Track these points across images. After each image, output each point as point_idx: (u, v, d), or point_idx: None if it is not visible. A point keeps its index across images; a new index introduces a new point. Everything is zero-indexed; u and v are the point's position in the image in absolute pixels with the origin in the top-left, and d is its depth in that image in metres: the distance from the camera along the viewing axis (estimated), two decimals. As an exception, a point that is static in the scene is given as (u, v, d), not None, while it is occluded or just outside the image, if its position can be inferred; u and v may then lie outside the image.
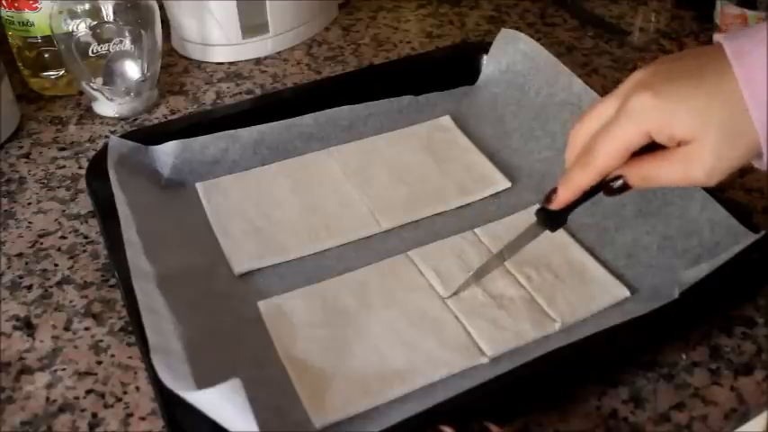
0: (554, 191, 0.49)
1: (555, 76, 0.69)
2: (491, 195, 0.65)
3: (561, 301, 0.54)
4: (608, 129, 0.45)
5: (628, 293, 0.55)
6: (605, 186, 0.47)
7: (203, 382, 0.43)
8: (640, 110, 0.43)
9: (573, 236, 0.60)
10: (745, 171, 0.67)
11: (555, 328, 0.53)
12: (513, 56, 0.73)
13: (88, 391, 0.50)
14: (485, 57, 0.75)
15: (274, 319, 0.53)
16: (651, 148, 0.45)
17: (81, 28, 0.72)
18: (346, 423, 0.47)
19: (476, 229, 0.61)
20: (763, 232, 0.53)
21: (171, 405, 0.45)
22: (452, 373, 0.50)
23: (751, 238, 0.53)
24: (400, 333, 0.52)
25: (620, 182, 0.46)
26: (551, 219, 0.51)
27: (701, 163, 0.42)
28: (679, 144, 0.43)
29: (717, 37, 0.43)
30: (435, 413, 0.44)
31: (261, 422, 0.43)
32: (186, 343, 0.48)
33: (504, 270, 0.57)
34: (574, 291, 0.55)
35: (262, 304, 0.55)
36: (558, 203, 0.49)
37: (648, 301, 0.53)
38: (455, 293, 0.55)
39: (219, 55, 0.85)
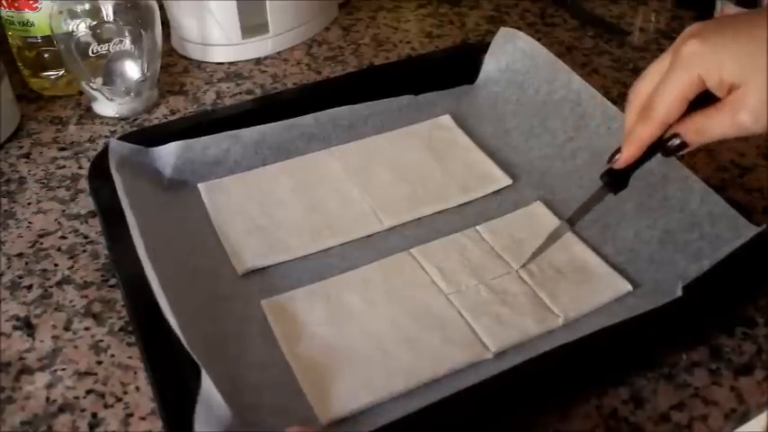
0: (617, 151, 0.51)
1: (554, 73, 0.69)
2: (492, 193, 0.65)
3: (564, 296, 0.55)
4: (664, 80, 0.47)
5: (630, 288, 0.55)
6: (663, 146, 0.49)
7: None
8: (690, 56, 0.45)
9: (574, 232, 0.60)
10: (745, 171, 0.67)
11: (558, 323, 0.53)
12: (512, 54, 0.73)
13: (88, 391, 0.50)
14: (484, 56, 0.75)
15: (278, 318, 0.53)
16: (706, 104, 0.47)
17: (81, 28, 0.71)
18: (352, 420, 0.47)
19: (477, 227, 0.61)
20: (764, 225, 0.53)
21: (170, 405, 0.45)
22: (457, 369, 0.50)
23: (752, 230, 0.53)
24: (404, 329, 0.52)
25: (677, 140, 0.48)
26: (615, 181, 0.52)
27: (747, 107, 0.44)
28: (730, 92, 0.45)
29: None
30: (440, 409, 0.44)
31: (267, 424, 0.44)
32: (191, 343, 0.48)
33: (507, 266, 0.57)
34: (576, 286, 0.55)
35: (265, 303, 0.55)
36: (622, 161, 0.50)
37: (650, 295, 0.53)
38: (525, 264, 0.56)
39: (219, 55, 0.85)
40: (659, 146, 0.49)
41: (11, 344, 0.53)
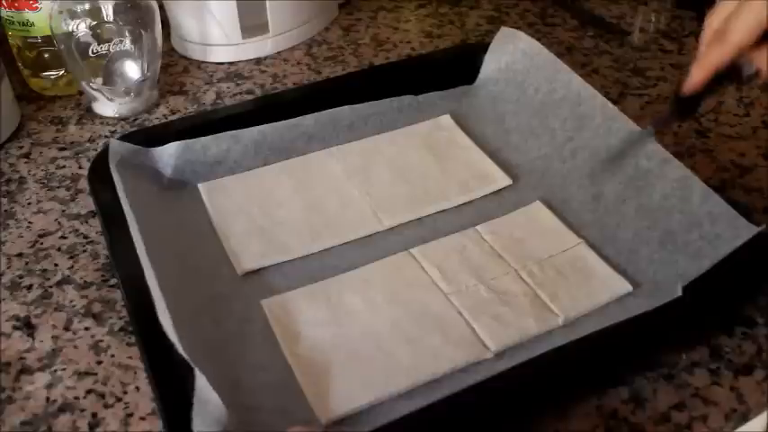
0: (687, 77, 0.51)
1: (554, 73, 0.69)
2: (492, 193, 0.65)
3: (564, 296, 0.55)
4: (740, 7, 0.47)
5: (630, 288, 0.55)
6: (736, 74, 0.49)
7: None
8: None
9: (575, 232, 0.60)
10: (745, 171, 0.67)
11: (558, 323, 0.53)
12: (512, 54, 0.73)
13: (88, 391, 0.50)
14: (484, 56, 0.75)
15: (278, 318, 0.53)
16: None
17: (81, 28, 0.71)
18: (352, 420, 0.47)
19: (477, 227, 0.61)
20: (764, 225, 0.53)
21: (170, 405, 0.45)
22: (457, 368, 0.50)
23: (752, 230, 0.53)
24: (404, 329, 0.52)
25: (752, 68, 0.48)
26: (683, 106, 0.53)
27: None
28: None
29: None
30: (440, 409, 0.44)
31: (267, 426, 0.44)
32: (190, 344, 0.48)
33: (507, 266, 0.57)
34: (576, 286, 0.55)
35: (265, 303, 0.55)
36: (690, 85, 0.51)
37: (650, 295, 0.53)
38: (595, 175, 0.59)
39: (219, 55, 0.85)
40: (733, 74, 0.49)
41: (11, 344, 0.53)
